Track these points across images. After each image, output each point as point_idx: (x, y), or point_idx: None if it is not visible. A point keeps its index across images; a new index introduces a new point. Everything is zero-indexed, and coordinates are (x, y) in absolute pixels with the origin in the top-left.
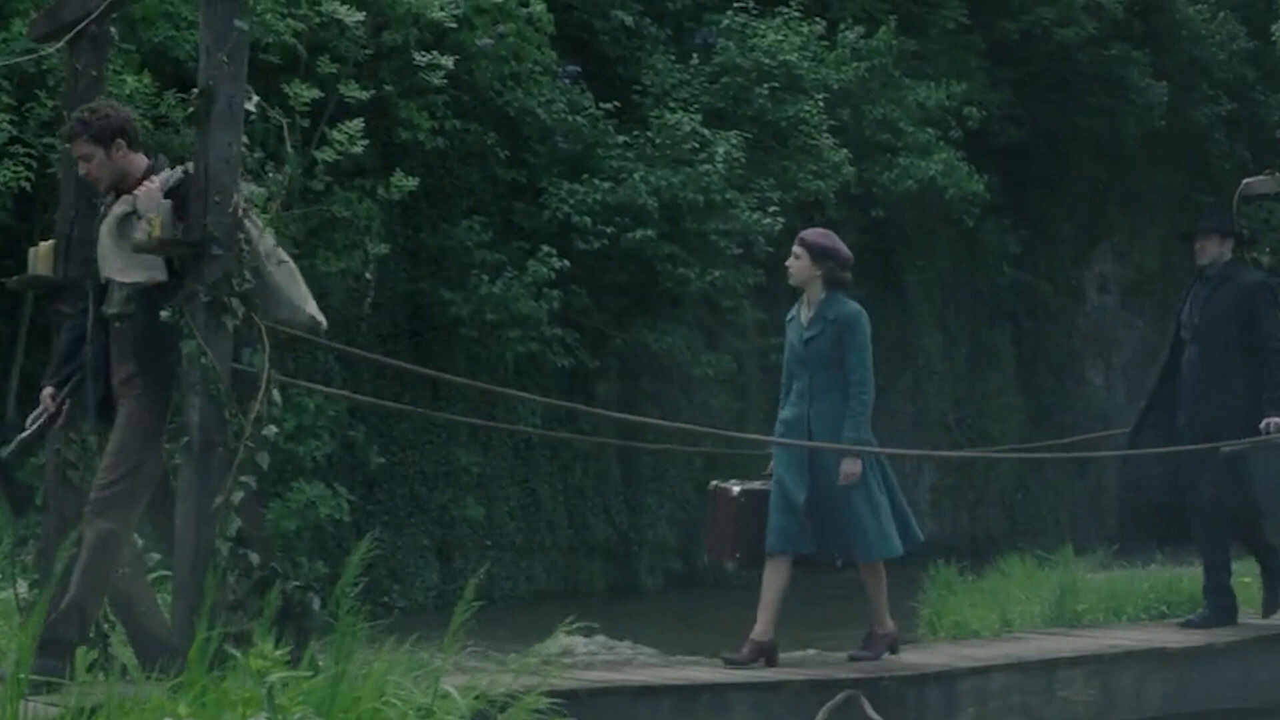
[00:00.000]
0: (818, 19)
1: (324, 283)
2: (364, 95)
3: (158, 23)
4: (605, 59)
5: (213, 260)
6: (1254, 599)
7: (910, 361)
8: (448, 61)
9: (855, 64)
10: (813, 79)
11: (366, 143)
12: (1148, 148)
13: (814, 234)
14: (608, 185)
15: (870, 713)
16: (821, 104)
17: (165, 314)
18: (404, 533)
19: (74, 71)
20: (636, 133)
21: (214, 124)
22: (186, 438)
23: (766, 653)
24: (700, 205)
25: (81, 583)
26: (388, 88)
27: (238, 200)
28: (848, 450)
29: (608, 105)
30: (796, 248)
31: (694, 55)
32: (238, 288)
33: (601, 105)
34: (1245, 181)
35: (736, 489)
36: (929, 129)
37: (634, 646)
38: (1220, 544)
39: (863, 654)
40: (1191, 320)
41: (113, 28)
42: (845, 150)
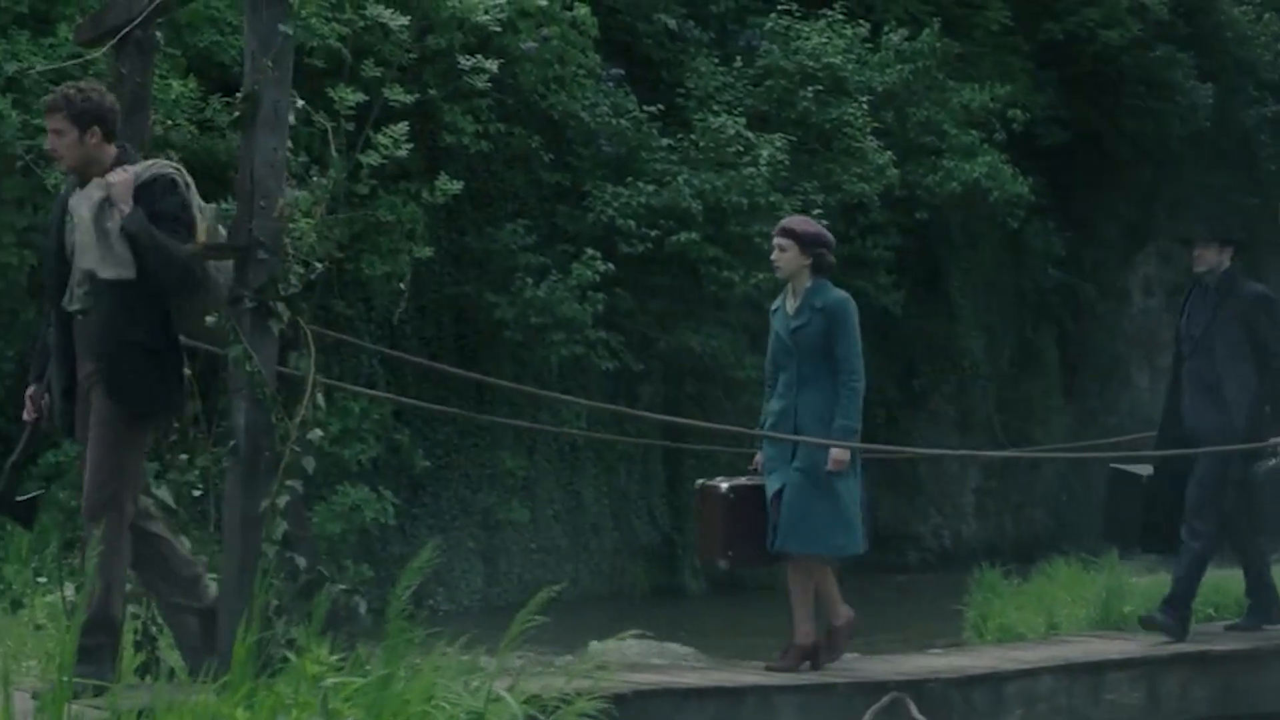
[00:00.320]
0: (862, 21)
1: (368, 286)
2: (408, 99)
3: (203, 28)
4: (649, 62)
5: (258, 265)
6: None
7: (954, 364)
8: (492, 65)
9: (899, 66)
10: (857, 81)
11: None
12: (1193, 149)
13: (798, 222)
14: (652, 188)
15: (916, 715)
16: (865, 106)
17: (212, 319)
18: (449, 536)
19: (120, 77)
20: (680, 136)
21: (259, 128)
22: (233, 442)
23: (810, 655)
24: (744, 208)
25: (98, 590)
26: (432, 91)
27: (283, 205)
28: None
29: (651, 108)
30: (781, 239)
31: (738, 58)
32: (283, 292)
33: (645, 108)
34: None
35: (725, 486)
36: (973, 131)
37: (680, 649)
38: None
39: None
40: (1190, 332)
41: (158, 33)
42: (889, 153)
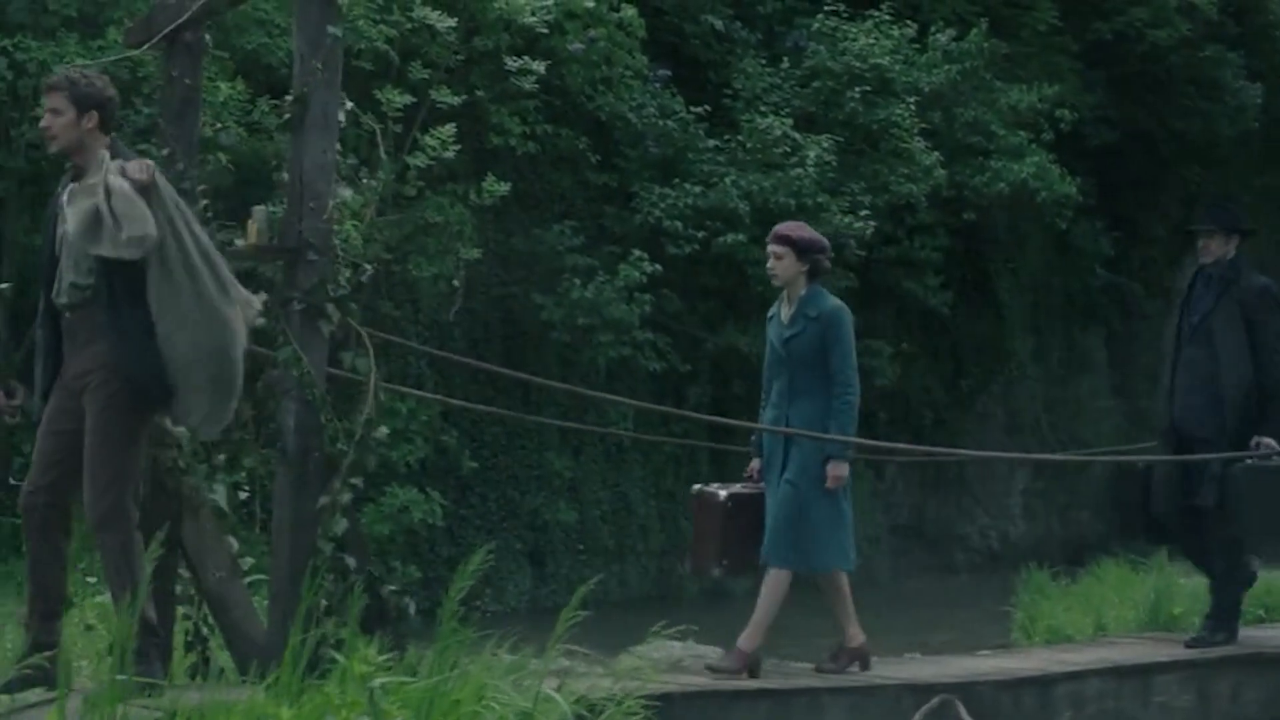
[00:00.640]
0: (909, 22)
1: (416, 287)
2: (456, 100)
3: (250, 29)
4: (696, 63)
5: (308, 266)
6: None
7: (1002, 365)
8: (539, 66)
9: (947, 67)
10: (904, 82)
11: (458, 148)
12: (1242, 149)
13: (793, 228)
14: (699, 189)
15: (965, 717)
16: (913, 107)
17: (261, 320)
18: (496, 537)
19: (169, 79)
20: (727, 137)
21: (308, 130)
22: (281, 443)
23: (860, 657)
24: (791, 209)
25: (120, 593)
26: (479, 93)
27: (333, 206)
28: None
29: (698, 109)
30: (777, 246)
31: (785, 59)
32: (333, 293)
33: (692, 109)
34: None
35: (723, 494)
36: (1021, 131)
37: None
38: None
39: (720, 665)
40: (1190, 321)
41: (207, 35)
42: (937, 153)
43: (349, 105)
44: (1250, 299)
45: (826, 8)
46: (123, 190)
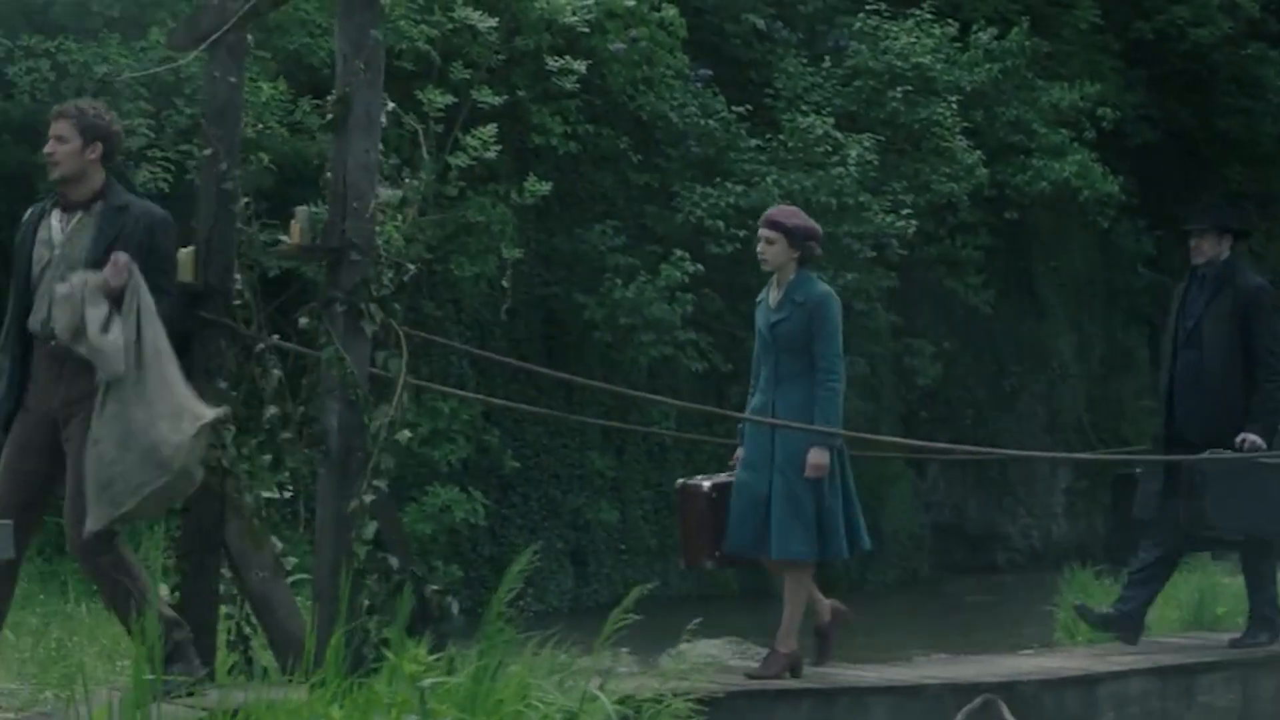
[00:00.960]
0: (950, 21)
1: (457, 287)
2: (497, 100)
3: (292, 30)
4: (737, 62)
5: (350, 266)
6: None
7: (1044, 364)
8: (580, 66)
9: (988, 65)
10: (945, 81)
11: (499, 148)
12: None
13: (785, 214)
14: (740, 189)
15: (1008, 717)
16: (954, 106)
17: (304, 320)
18: (538, 536)
19: (212, 79)
20: (769, 136)
21: (351, 131)
22: (324, 445)
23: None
24: (833, 208)
25: (127, 604)
26: (520, 93)
27: (375, 206)
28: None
29: (740, 109)
30: (769, 231)
31: (826, 58)
32: (375, 293)
33: (733, 109)
34: None
35: (707, 484)
36: (1062, 130)
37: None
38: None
39: (761, 673)
40: (1185, 324)
41: (249, 35)
42: (978, 152)
43: (391, 106)
44: (1245, 299)
45: (868, 7)
46: (96, 328)
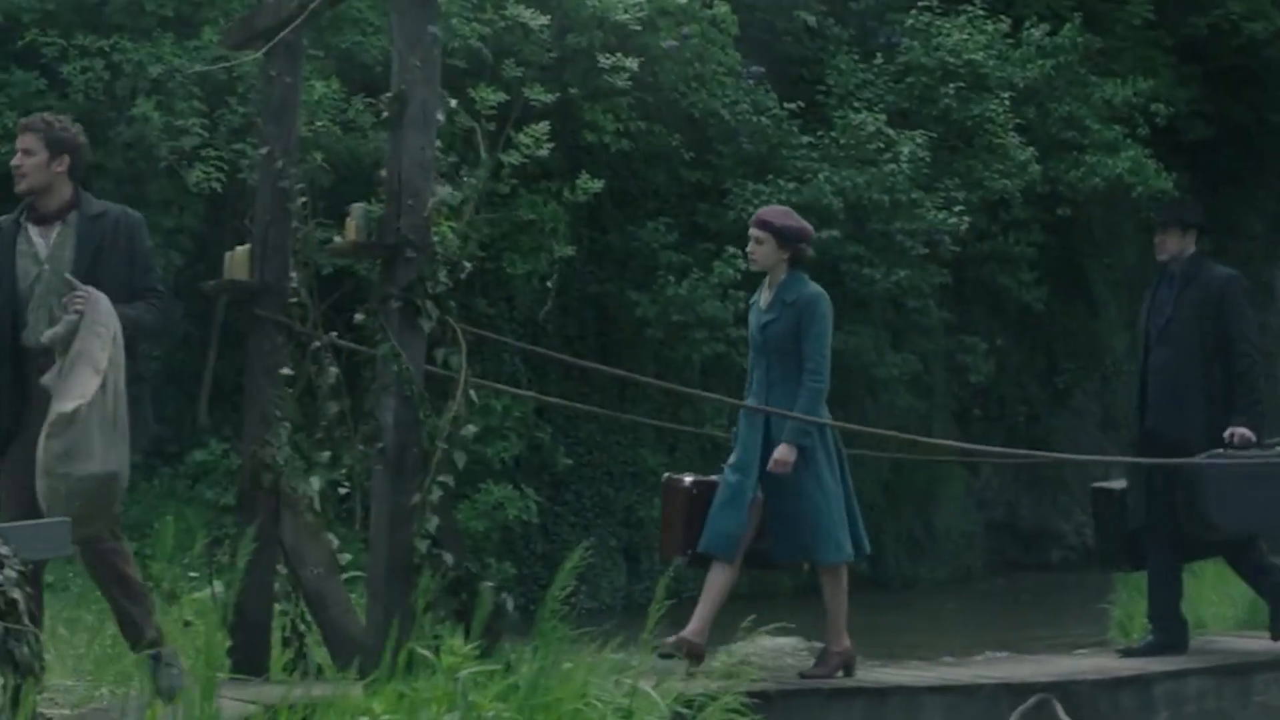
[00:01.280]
0: (1002, 17)
1: (510, 285)
2: (549, 98)
3: (345, 28)
4: (789, 60)
5: (406, 263)
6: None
7: (1097, 361)
8: (632, 64)
9: (1041, 62)
10: (998, 77)
11: (552, 145)
12: None
13: (775, 214)
14: (792, 186)
15: (1063, 717)
16: (1007, 102)
17: (360, 317)
18: (591, 534)
19: (268, 79)
20: (821, 133)
21: (407, 128)
22: (381, 443)
23: (700, 654)
24: (885, 205)
25: (136, 609)
26: (573, 90)
27: (432, 204)
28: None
29: (792, 106)
30: (759, 231)
31: (878, 55)
32: (431, 290)
33: (785, 106)
34: None
35: (688, 480)
36: (1116, 126)
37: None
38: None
39: (815, 672)
40: (1156, 322)
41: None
42: (1031, 148)
43: (452, 103)
44: (1217, 288)
45: (920, 4)
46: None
